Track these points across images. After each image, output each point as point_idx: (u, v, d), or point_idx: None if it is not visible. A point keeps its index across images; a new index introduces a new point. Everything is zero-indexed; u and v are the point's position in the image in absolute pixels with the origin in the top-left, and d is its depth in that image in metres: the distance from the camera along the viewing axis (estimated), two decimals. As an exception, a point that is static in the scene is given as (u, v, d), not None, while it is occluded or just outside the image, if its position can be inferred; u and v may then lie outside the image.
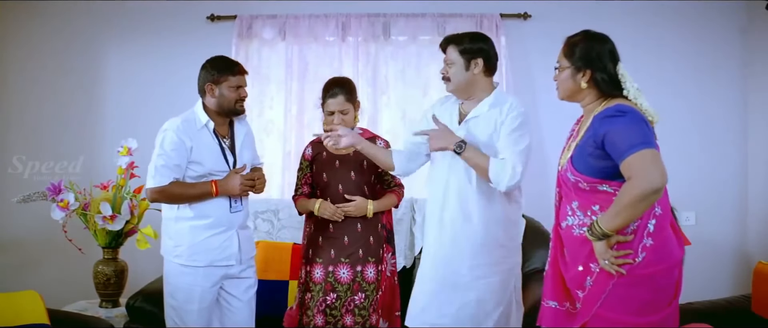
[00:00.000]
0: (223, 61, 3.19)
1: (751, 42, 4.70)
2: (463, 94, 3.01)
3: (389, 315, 3.37)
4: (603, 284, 2.35)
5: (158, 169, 3.03)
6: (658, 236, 2.33)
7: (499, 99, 2.94)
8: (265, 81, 4.82)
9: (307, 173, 3.43)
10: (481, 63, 2.93)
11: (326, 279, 3.27)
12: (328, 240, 3.32)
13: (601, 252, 2.32)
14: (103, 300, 4.02)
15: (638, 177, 2.19)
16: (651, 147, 2.23)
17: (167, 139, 3.03)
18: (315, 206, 3.30)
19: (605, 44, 2.46)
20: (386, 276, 3.34)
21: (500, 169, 2.79)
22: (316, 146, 3.42)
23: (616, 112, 2.32)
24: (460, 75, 2.94)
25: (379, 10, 4.75)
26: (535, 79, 4.75)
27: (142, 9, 4.82)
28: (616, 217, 2.25)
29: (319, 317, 3.25)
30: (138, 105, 4.75)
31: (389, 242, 3.41)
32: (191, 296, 3.10)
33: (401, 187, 3.46)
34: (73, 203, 3.78)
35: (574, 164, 2.40)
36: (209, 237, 3.11)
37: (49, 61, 4.85)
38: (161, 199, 3.09)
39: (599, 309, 2.35)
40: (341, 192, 3.30)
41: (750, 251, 4.69)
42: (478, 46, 2.94)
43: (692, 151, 4.73)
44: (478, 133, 2.92)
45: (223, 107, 3.14)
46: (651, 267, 2.31)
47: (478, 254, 2.90)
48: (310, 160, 3.42)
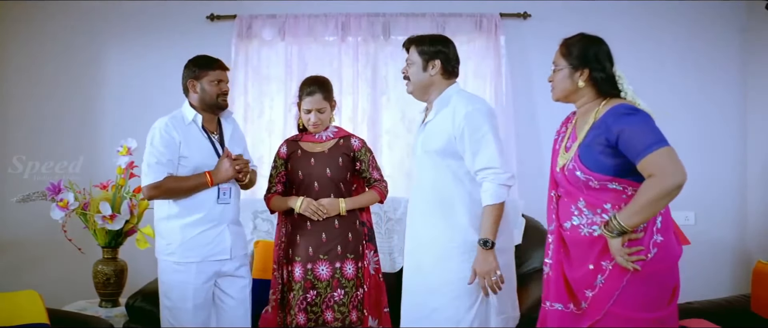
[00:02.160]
0: (203, 58, 3.26)
1: (751, 42, 4.70)
2: (422, 96, 3.04)
3: (378, 312, 3.38)
4: (616, 282, 2.36)
5: (151, 166, 3.07)
6: (665, 232, 2.37)
7: (444, 100, 2.95)
8: (265, 81, 4.82)
9: (282, 171, 3.44)
10: (439, 65, 2.95)
11: (306, 277, 3.27)
12: (305, 238, 3.32)
13: (617, 249, 2.33)
14: (102, 300, 4.03)
15: (661, 174, 2.23)
16: (668, 145, 2.28)
17: (157, 137, 3.09)
18: (296, 203, 3.29)
19: (601, 45, 2.50)
20: (369, 273, 3.35)
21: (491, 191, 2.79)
22: (291, 144, 3.44)
23: (629, 110, 2.36)
24: (417, 75, 2.97)
25: (378, 9, 4.76)
26: (534, 78, 4.76)
27: (142, 9, 4.83)
28: (637, 214, 2.28)
29: (300, 316, 3.26)
30: (138, 105, 4.75)
31: (370, 239, 3.42)
32: (185, 294, 3.11)
33: (382, 182, 3.45)
34: (73, 202, 3.78)
35: (583, 161, 2.40)
36: (200, 233, 3.13)
37: (49, 61, 4.85)
38: (157, 195, 3.11)
39: (612, 307, 2.36)
40: (317, 189, 3.32)
41: (749, 250, 4.69)
42: (436, 48, 2.96)
43: (691, 151, 4.70)
44: (430, 139, 2.94)
45: (206, 102, 3.19)
46: (660, 263, 2.36)
47: (442, 259, 2.89)
48: (285, 158, 3.43)
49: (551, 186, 2.61)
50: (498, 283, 2.78)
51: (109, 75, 4.86)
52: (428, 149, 2.94)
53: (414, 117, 4.74)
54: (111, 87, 4.85)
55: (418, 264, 2.99)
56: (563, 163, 2.50)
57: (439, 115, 2.93)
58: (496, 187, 2.79)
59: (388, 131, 4.81)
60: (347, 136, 3.42)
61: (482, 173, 2.82)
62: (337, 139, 3.40)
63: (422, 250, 2.96)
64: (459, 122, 2.83)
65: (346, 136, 3.42)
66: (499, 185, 2.79)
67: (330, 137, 3.39)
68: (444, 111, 2.91)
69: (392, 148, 4.80)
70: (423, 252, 2.96)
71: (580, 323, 2.43)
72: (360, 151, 3.39)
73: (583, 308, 2.43)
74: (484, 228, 2.80)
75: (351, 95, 4.74)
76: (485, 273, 2.78)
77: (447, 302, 2.89)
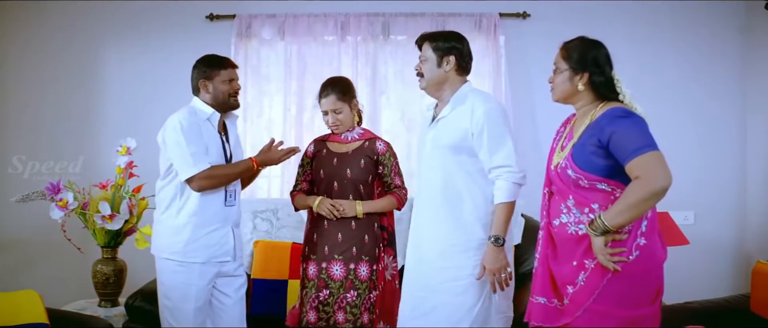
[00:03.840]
0: (213, 57, 3.24)
1: (751, 42, 4.70)
2: (435, 92, 3.03)
3: (389, 319, 3.36)
4: (597, 280, 2.41)
5: (194, 155, 3.02)
6: (649, 236, 2.42)
7: (460, 97, 2.95)
8: (265, 80, 4.82)
9: (308, 170, 3.45)
10: (453, 61, 2.95)
11: (319, 276, 3.27)
12: (322, 237, 3.32)
13: (600, 248, 2.38)
14: (102, 300, 4.02)
15: (647, 177, 2.28)
16: (657, 149, 2.33)
17: (187, 128, 3.03)
18: (314, 202, 3.30)
19: (601, 49, 2.55)
20: (385, 279, 3.35)
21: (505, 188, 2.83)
22: (319, 143, 3.45)
23: (624, 113, 2.41)
24: (432, 71, 2.97)
25: (378, 9, 4.76)
26: (533, 78, 4.76)
27: (142, 8, 4.82)
28: (620, 214, 2.33)
29: (311, 314, 3.26)
30: (137, 104, 4.75)
31: (390, 244, 3.41)
32: (187, 294, 3.10)
33: (402, 189, 3.45)
34: (72, 202, 3.77)
35: (575, 160, 2.45)
36: (206, 234, 3.12)
37: (49, 60, 4.85)
38: (208, 184, 3.07)
39: (591, 304, 2.42)
40: (336, 189, 3.32)
41: (748, 250, 4.69)
42: (451, 44, 2.97)
43: (691, 151, 4.73)
44: (443, 135, 2.94)
45: (218, 101, 3.18)
46: (642, 265, 2.40)
47: (447, 256, 2.90)
48: (311, 156, 3.44)
49: (545, 183, 2.67)
50: (507, 280, 2.84)
51: (108, 74, 4.86)
52: (441, 145, 2.94)
53: (413, 116, 4.75)
54: (111, 86, 4.85)
55: (421, 260, 2.99)
56: (557, 161, 2.56)
57: (454, 111, 2.93)
58: (510, 185, 2.83)
59: (387, 131, 4.80)
60: (373, 139, 3.41)
61: (497, 171, 2.85)
62: (362, 141, 3.38)
63: (426, 246, 2.97)
64: (478, 118, 2.85)
65: (371, 139, 3.40)
66: (513, 184, 2.84)
67: (356, 138, 3.38)
68: (461, 107, 2.92)
69: (392, 148, 4.81)
70: (426, 248, 2.96)
71: (561, 317, 2.50)
72: (384, 155, 3.38)
73: (565, 304, 2.49)
74: (497, 225, 2.84)
75: (350, 95, 4.73)
76: (496, 270, 2.82)
77: (448, 299, 2.90)
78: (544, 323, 2.54)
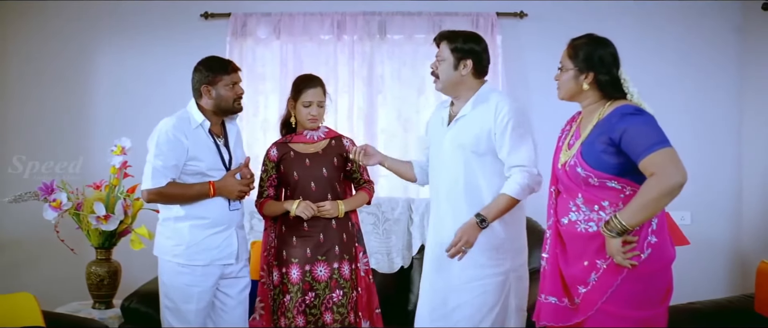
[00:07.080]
0: (215, 60, 3.18)
1: (747, 42, 4.71)
2: (451, 93, 3.01)
3: (369, 314, 3.37)
4: (610, 280, 2.40)
5: (156, 170, 2.99)
6: (659, 234, 2.41)
7: (482, 96, 2.93)
8: (260, 79, 4.79)
9: (273, 175, 3.39)
10: (471, 65, 2.92)
11: (304, 278, 3.23)
12: (302, 239, 3.28)
13: (616, 249, 2.35)
14: (96, 301, 3.97)
15: (663, 174, 2.27)
16: (670, 146, 2.32)
17: (163, 139, 3.00)
18: (292, 206, 3.25)
19: (608, 48, 2.54)
20: (361, 275, 3.34)
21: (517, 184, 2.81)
22: (282, 147, 3.38)
23: (634, 110, 2.41)
24: (448, 73, 2.94)
25: (374, 8, 4.73)
26: (530, 78, 4.75)
27: (137, 7, 4.79)
28: (637, 213, 2.31)
29: (299, 318, 3.22)
30: (133, 104, 4.72)
31: (359, 241, 3.40)
32: (189, 296, 3.07)
33: (371, 183, 3.46)
34: (66, 202, 3.73)
35: (585, 158, 2.43)
36: (209, 236, 3.09)
37: (47, 60, 4.82)
38: (158, 200, 3.06)
39: (603, 305, 2.40)
40: (313, 190, 3.28)
41: (745, 250, 4.70)
42: (469, 47, 2.93)
43: (687, 150, 4.62)
44: (464, 134, 2.92)
45: (222, 107, 3.13)
46: (653, 264, 2.39)
47: (470, 255, 2.87)
48: (276, 160, 3.37)
49: (552, 182, 2.65)
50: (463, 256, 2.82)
51: (104, 74, 4.82)
52: (461, 143, 2.91)
53: (410, 116, 4.74)
54: (106, 86, 4.81)
55: (442, 260, 2.94)
56: (565, 159, 2.54)
57: (475, 110, 2.91)
58: (523, 183, 2.81)
59: (383, 130, 4.78)
60: (338, 137, 3.42)
61: (515, 169, 2.83)
62: (328, 140, 3.38)
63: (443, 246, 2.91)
64: (503, 117, 2.83)
65: (337, 137, 3.41)
66: (526, 184, 2.81)
67: (321, 137, 3.37)
68: (483, 106, 2.90)
69: (388, 147, 4.76)
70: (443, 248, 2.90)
71: (573, 317, 2.48)
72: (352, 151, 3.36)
73: (577, 304, 2.47)
74: (491, 210, 2.82)
75: (347, 94, 4.71)
76: (464, 242, 2.80)
77: (471, 299, 2.89)
78: (555, 323, 2.52)
